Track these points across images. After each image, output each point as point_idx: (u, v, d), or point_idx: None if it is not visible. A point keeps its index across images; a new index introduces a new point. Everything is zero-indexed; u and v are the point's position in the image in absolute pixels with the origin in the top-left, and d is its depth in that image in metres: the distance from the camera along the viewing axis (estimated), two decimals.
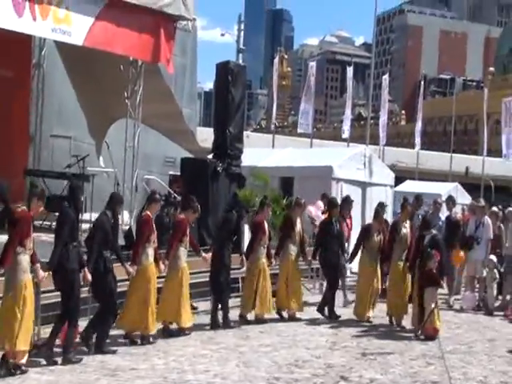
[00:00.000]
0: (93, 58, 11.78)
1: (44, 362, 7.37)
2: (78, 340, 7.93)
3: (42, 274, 7.34)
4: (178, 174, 15.00)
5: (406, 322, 10.47)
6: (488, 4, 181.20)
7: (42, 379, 6.93)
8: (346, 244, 12.02)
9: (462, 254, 12.68)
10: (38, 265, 7.33)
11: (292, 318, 10.66)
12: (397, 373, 7.83)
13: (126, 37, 10.73)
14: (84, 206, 11.18)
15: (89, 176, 12.80)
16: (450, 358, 8.65)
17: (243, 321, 10.23)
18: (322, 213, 13.00)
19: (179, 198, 13.42)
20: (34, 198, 7.45)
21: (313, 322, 10.59)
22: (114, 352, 8.00)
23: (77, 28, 9.87)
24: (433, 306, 9.73)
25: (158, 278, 8.99)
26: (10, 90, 13.56)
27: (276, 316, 10.64)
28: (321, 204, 13.98)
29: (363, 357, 8.52)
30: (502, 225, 13.25)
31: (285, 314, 10.74)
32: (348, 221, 12.72)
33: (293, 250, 10.79)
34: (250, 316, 10.39)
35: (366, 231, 11.08)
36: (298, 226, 10.89)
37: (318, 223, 13.37)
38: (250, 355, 8.30)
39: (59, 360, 7.44)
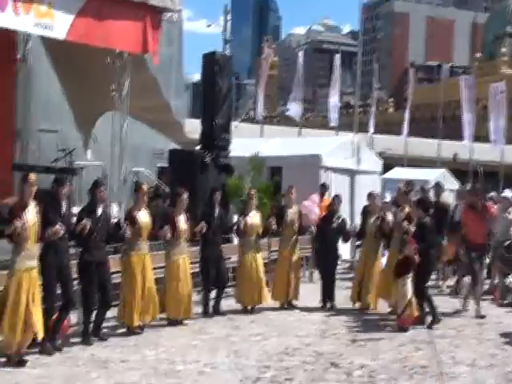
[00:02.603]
0: (78, 51, 11.67)
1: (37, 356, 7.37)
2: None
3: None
4: (167, 165, 14.98)
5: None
6: None
7: (33, 373, 6.94)
8: None
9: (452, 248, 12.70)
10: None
11: (285, 306, 10.76)
12: (387, 358, 7.90)
13: (110, 29, 10.65)
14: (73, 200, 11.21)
15: (76, 169, 12.78)
16: (439, 342, 8.73)
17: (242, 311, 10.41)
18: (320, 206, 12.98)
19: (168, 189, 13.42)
20: None
21: (303, 310, 10.65)
22: (90, 344, 8.00)
23: (59, 22, 9.78)
24: (409, 296, 9.31)
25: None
26: None
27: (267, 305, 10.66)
28: (316, 198, 13.91)
29: (353, 343, 8.59)
30: None
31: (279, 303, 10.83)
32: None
33: (286, 238, 10.85)
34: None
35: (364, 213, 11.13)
36: (290, 216, 10.86)
37: (313, 217, 13.33)
38: (240, 345, 8.34)
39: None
